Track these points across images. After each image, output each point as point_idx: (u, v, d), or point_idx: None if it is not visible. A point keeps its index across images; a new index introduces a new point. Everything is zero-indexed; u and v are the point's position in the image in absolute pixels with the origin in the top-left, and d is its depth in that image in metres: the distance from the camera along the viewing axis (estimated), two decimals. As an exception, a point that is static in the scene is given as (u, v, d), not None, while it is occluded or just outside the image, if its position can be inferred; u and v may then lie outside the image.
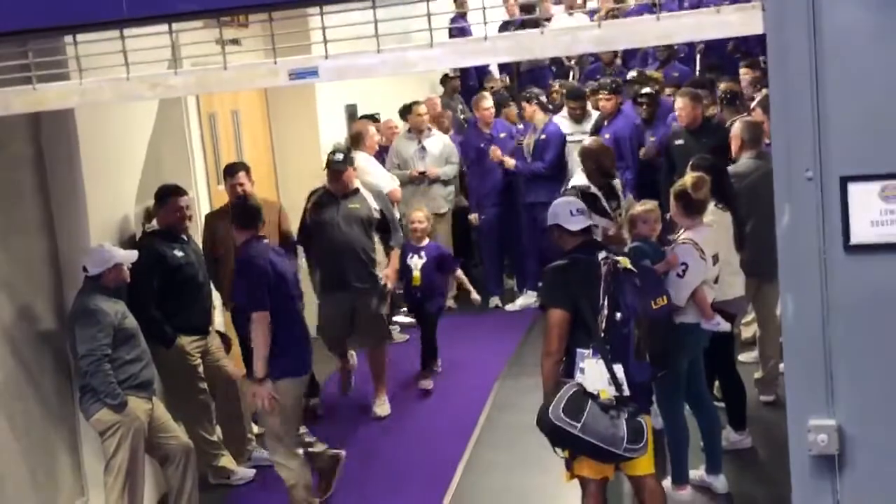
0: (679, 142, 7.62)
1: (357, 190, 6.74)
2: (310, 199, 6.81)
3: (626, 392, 4.20)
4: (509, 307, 9.20)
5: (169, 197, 5.86)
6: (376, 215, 6.72)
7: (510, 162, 8.86)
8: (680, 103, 7.60)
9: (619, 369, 4.20)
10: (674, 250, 5.12)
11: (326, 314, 6.83)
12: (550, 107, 9.41)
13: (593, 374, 4.22)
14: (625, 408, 4.18)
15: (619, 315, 4.20)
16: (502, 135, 9.40)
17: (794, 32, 2.50)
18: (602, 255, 4.33)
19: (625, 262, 4.29)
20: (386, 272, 6.85)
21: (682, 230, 5.25)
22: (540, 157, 8.78)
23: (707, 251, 5.13)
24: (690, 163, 5.75)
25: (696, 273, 5.06)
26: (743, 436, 5.90)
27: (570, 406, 4.12)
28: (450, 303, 9.08)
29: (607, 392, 4.18)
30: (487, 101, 9.40)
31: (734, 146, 6.36)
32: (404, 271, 7.24)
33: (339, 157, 6.64)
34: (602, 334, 4.20)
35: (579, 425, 4.10)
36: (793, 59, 2.51)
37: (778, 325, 6.03)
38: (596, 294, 4.23)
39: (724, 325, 5.25)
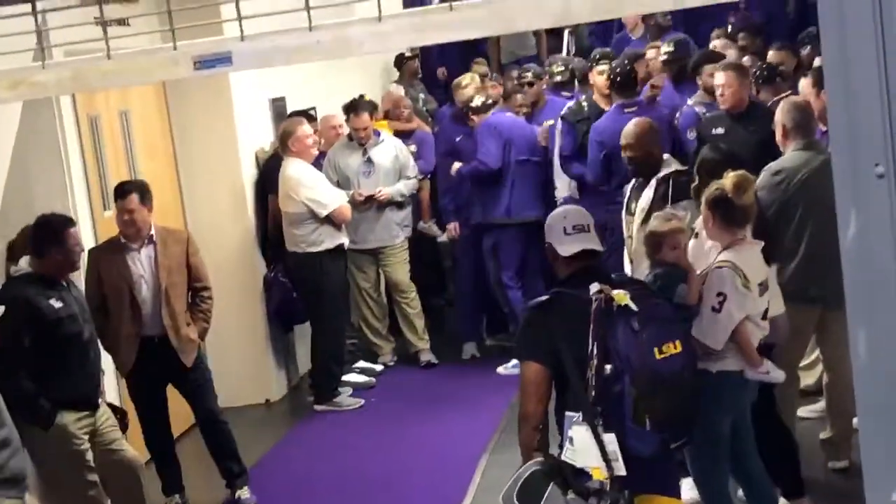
0: (718, 130, 7.52)
1: None
2: None
3: (620, 471, 4.14)
4: (501, 370, 8.84)
5: (62, 230, 5.81)
6: None
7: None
8: (722, 79, 7.48)
9: (610, 440, 4.16)
10: (708, 275, 5.10)
11: None
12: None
13: (584, 446, 4.18)
14: (605, 496, 4.11)
15: (608, 368, 4.18)
16: None
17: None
18: (594, 287, 4.27)
19: (620, 297, 4.24)
20: None
21: (718, 249, 5.22)
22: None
23: (752, 277, 5.11)
24: (700, 155, 5.85)
25: (737, 306, 5.05)
26: (803, 507, 5.87)
27: (526, 490, 4.09)
28: (427, 356, 9.06)
29: (602, 472, 4.14)
30: (469, 91, 9.30)
31: (778, 135, 6.42)
32: None
33: None
34: (593, 393, 4.18)
35: None
36: (851, 18, 2.53)
37: (850, 368, 6.03)
38: (584, 340, 4.21)
39: (777, 375, 5.24)
